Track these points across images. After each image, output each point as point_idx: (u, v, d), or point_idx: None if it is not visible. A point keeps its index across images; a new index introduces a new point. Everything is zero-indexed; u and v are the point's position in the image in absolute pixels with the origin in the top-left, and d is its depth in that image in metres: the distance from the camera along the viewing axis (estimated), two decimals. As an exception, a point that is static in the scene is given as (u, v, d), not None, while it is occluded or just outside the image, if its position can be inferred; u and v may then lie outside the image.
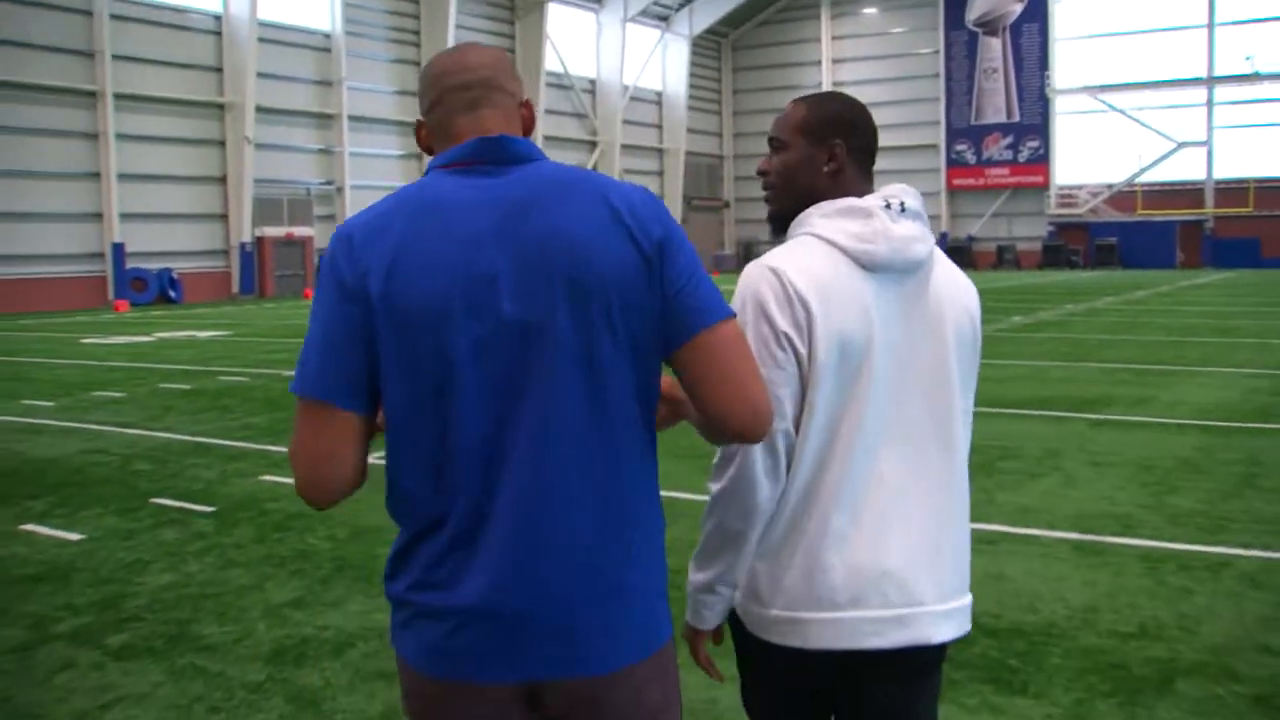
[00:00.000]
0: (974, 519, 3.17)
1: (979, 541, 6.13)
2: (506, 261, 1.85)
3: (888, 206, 2.25)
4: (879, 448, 2.18)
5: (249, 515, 7.23)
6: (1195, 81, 53.45)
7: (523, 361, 1.84)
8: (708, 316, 1.91)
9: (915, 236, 2.25)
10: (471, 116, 2.07)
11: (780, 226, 2.40)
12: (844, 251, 2.20)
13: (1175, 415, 10.66)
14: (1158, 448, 9.05)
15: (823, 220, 2.25)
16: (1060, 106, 56.59)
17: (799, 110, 2.38)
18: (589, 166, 53.29)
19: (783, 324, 2.14)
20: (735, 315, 1.94)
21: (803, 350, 2.14)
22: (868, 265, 2.19)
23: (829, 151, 2.33)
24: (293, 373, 1.88)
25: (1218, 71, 53.47)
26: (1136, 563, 5.95)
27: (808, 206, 2.31)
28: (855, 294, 2.17)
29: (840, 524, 2.16)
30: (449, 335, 1.83)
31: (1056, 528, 6.66)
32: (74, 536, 6.80)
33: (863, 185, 2.35)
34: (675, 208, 59.93)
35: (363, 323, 1.84)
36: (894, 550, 2.16)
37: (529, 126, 2.09)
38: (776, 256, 2.22)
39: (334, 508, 1.93)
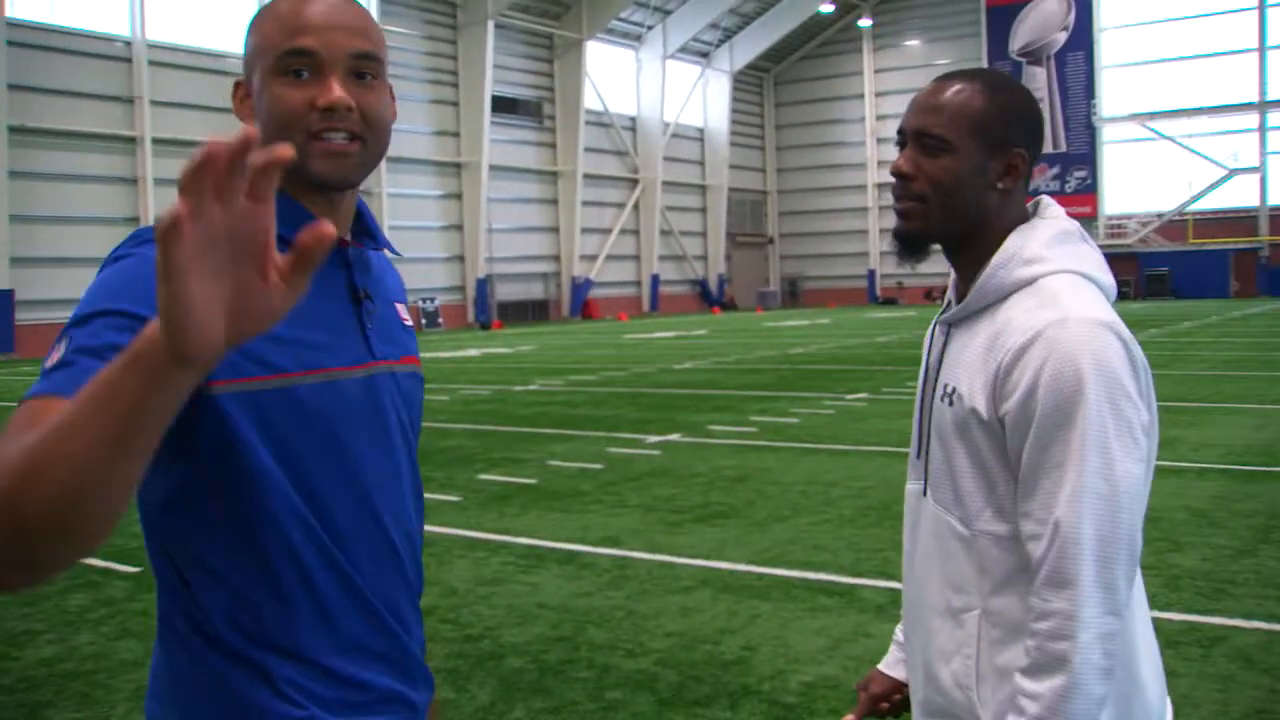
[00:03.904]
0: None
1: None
2: None
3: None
4: None
5: (170, 577, 6.75)
6: (1247, 106, 52.25)
7: None
8: None
9: None
10: None
11: (916, 249, 1.89)
12: (1105, 294, 1.82)
13: (1199, 459, 9.89)
14: (1172, 496, 8.32)
15: (1064, 253, 1.81)
16: (1108, 135, 55.55)
17: (972, 98, 1.82)
18: (631, 204, 53.34)
19: (1143, 406, 1.72)
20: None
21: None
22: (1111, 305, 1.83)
23: (1007, 163, 1.84)
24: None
25: (1270, 96, 52.15)
26: (1117, 632, 5.31)
27: (962, 230, 1.84)
28: None
29: (1146, 631, 1.83)
30: None
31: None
32: (-24, 602, 6.37)
33: (1024, 207, 1.90)
34: (719, 245, 59.57)
35: None
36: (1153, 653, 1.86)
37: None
38: (1087, 307, 1.72)
39: None
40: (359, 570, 1.55)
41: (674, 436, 12.02)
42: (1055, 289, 1.75)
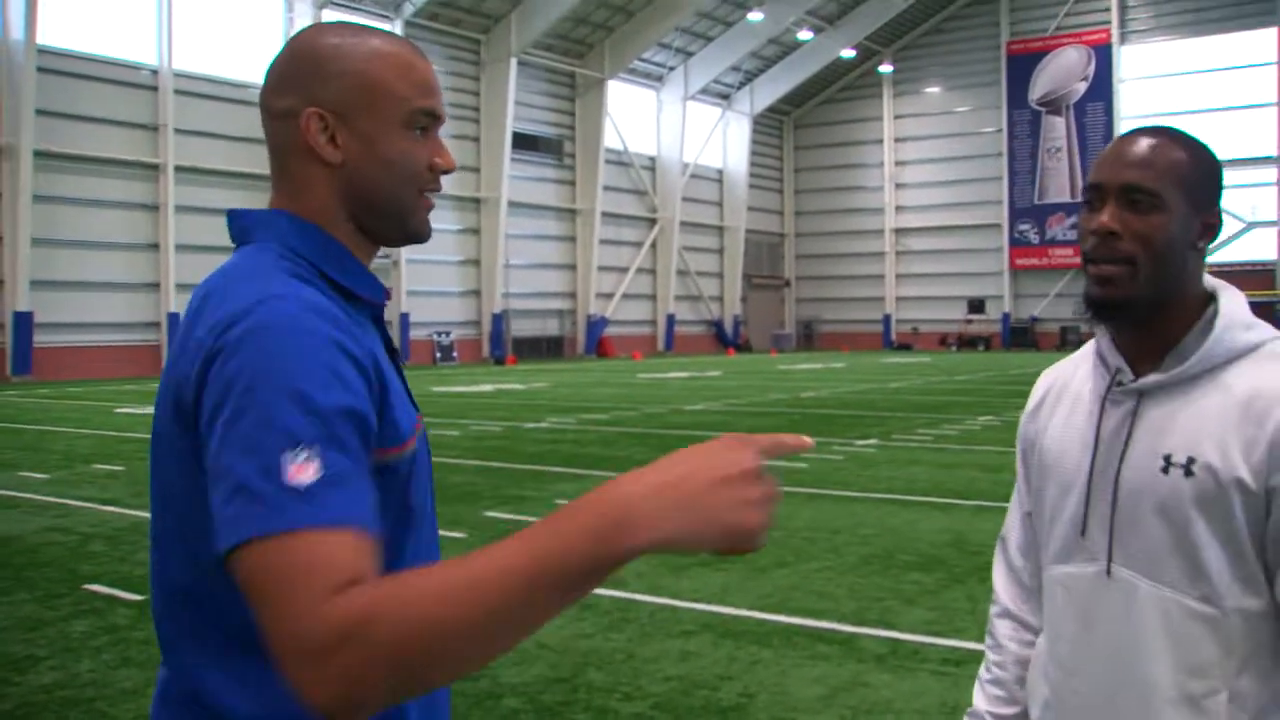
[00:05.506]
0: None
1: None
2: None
3: None
4: None
5: (173, 606, 6.77)
6: (1265, 160, 52.28)
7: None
8: (220, 535, 1.19)
9: None
10: None
11: (1118, 315, 1.79)
12: None
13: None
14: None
15: (1267, 324, 1.80)
16: (1126, 186, 55.54)
17: (1178, 152, 1.76)
18: (648, 243, 53.51)
19: None
20: (263, 537, 1.15)
21: None
22: None
23: (1205, 222, 1.79)
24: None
25: (1289, 151, 52.30)
26: None
27: (1165, 294, 1.76)
28: None
29: None
30: None
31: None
32: (-20, 626, 6.41)
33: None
34: (735, 286, 59.70)
35: None
36: None
37: (306, 145, 1.46)
38: None
39: None
40: None
41: (682, 478, 12.00)
42: None
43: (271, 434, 1.20)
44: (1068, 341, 54.59)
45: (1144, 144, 1.75)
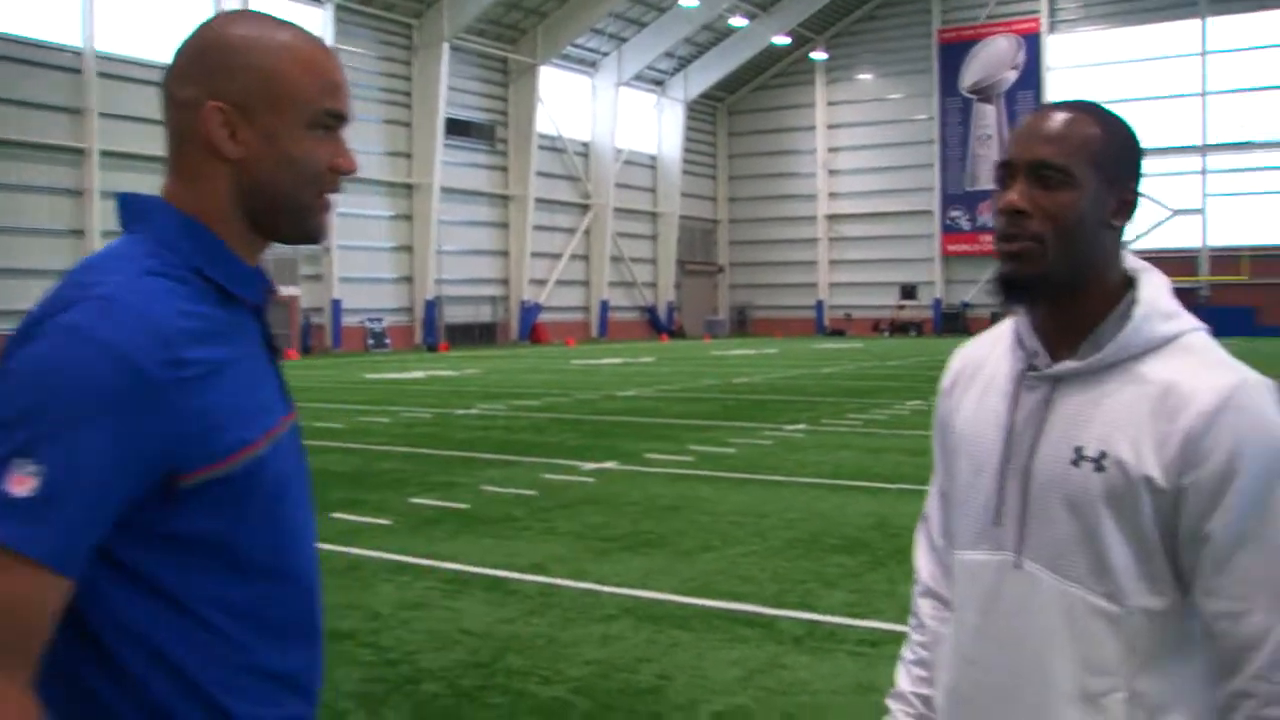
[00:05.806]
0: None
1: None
2: None
3: None
4: None
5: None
6: (1189, 149, 53.28)
7: None
8: None
9: None
10: None
11: (1028, 295, 1.72)
12: None
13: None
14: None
15: (1188, 314, 1.70)
16: (1055, 174, 56.38)
17: (1090, 127, 1.68)
18: (581, 229, 53.44)
19: None
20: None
21: None
22: None
23: (1120, 199, 1.70)
24: None
25: (1211, 140, 53.41)
26: None
27: (1077, 274, 1.69)
28: None
29: None
30: None
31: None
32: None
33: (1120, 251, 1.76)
34: (669, 272, 59.81)
35: None
36: None
37: (206, 138, 1.44)
38: (1248, 369, 1.64)
39: None
40: (318, 613, 1.55)
41: (610, 464, 12.05)
42: (1209, 347, 1.68)
43: (11, 435, 1.25)
44: (997, 327, 55.25)
45: (1057, 119, 1.68)
